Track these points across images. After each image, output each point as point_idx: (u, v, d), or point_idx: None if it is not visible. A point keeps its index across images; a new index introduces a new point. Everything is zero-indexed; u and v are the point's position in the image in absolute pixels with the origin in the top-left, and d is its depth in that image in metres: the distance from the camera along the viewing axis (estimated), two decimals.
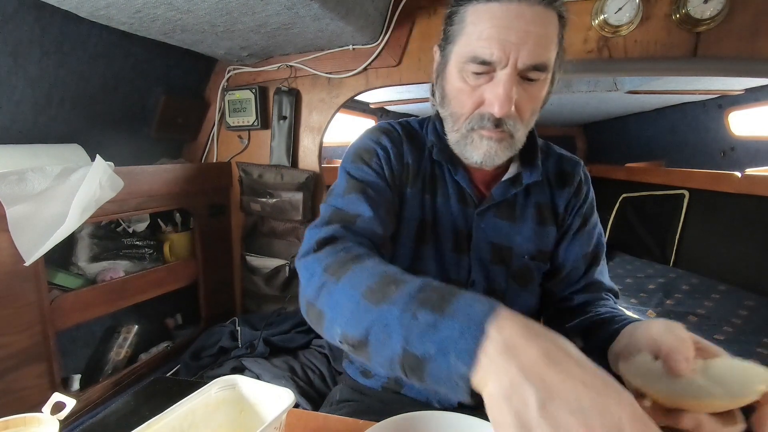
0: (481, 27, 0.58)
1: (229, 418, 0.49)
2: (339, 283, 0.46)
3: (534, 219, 0.74)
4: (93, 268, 1.28)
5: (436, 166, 0.74)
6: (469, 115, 0.63)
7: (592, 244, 0.76)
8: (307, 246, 0.57)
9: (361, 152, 0.71)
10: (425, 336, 0.35)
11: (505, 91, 0.57)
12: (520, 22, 0.56)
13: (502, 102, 0.58)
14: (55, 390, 0.91)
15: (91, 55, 1.19)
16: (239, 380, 0.50)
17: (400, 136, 0.75)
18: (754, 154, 2.01)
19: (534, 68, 0.58)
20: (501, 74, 0.58)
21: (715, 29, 1.12)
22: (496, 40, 0.57)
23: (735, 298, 1.87)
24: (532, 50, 0.57)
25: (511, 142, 0.63)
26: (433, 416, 0.54)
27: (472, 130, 0.63)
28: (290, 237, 1.66)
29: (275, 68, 1.58)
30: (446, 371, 0.34)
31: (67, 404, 0.52)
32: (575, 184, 0.76)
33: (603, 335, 0.61)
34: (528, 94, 0.61)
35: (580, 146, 3.76)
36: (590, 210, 0.77)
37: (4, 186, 0.93)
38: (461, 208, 0.72)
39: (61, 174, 1.03)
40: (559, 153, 0.79)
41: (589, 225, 0.76)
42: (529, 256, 0.74)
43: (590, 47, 1.22)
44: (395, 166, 0.71)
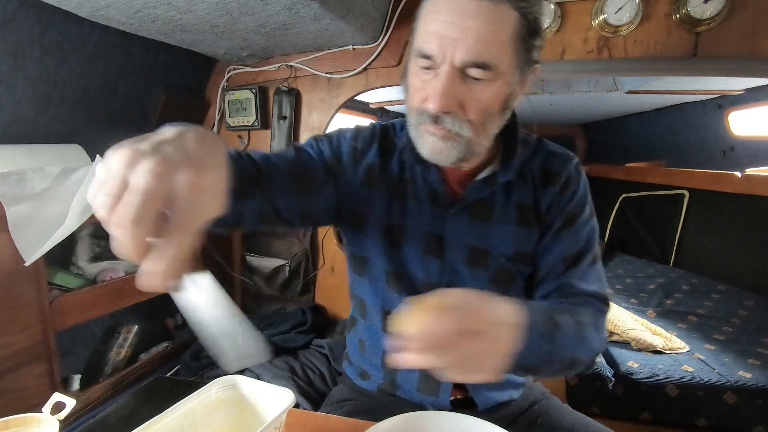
0: (427, 20, 0.58)
1: (229, 418, 0.49)
2: None
3: (515, 220, 0.70)
4: (93, 268, 1.28)
5: (407, 169, 0.72)
6: (417, 109, 0.62)
7: (577, 246, 0.70)
8: None
9: (319, 135, 0.76)
10: None
11: (442, 87, 0.56)
12: (460, 16, 0.54)
13: (435, 98, 0.56)
14: (55, 390, 0.91)
15: (90, 54, 1.19)
16: (239, 380, 0.50)
17: (372, 138, 0.75)
18: (754, 154, 2.01)
19: (474, 66, 0.55)
20: (440, 70, 0.57)
21: (715, 29, 1.12)
22: (436, 34, 0.56)
23: (735, 298, 1.87)
24: (471, 47, 0.54)
25: (460, 142, 0.60)
26: (433, 416, 0.54)
27: (419, 124, 0.62)
28: (290, 237, 1.66)
29: (275, 68, 1.58)
30: None
31: (67, 404, 0.52)
32: (561, 181, 0.71)
33: None
34: (473, 94, 0.58)
35: (580, 146, 3.76)
36: (578, 208, 0.71)
37: (4, 186, 0.93)
38: (433, 210, 0.71)
39: (61, 174, 1.03)
40: (549, 150, 0.74)
41: (575, 224, 0.70)
42: (508, 257, 0.70)
43: (590, 47, 1.22)
44: (344, 156, 0.73)
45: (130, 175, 0.31)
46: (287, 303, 1.65)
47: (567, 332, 0.57)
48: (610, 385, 1.37)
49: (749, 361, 1.40)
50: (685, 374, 1.34)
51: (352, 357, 0.84)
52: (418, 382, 0.74)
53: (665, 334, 1.58)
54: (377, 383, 0.78)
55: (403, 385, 0.75)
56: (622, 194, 2.94)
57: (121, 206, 0.30)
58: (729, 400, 1.27)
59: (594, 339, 0.62)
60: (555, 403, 0.77)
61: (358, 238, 0.75)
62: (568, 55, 1.25)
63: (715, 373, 1.34)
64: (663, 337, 1.56)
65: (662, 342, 1.51)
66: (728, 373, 1.33)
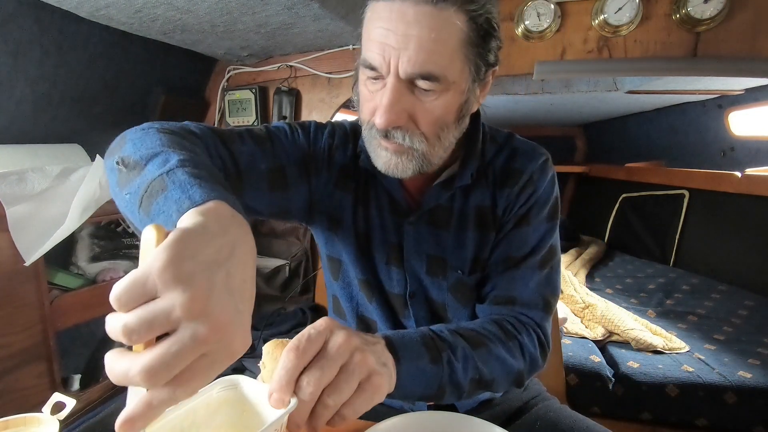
0: (369, 27, 0.53)
1: (230, 419, 0.49)
2: (159, 133, 0.50)
3: (474, 225, 0.66)
4: (93, 268, 1.28)
5: (369, 174, 0.68)
6: (368, 121, 0.58)
7: (524, 249, 0.65)
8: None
9: (297, 124, 0.70)
10: (174, 190, 0.38)
11: (387, 101, 0.52)
12: (401, 24, 0.50)
13: (381, 113, 0.53)
14: (55, 390, 0.90)
15: (90, 54, 1.19)
16: (241, 381, 0.50)
17: (347, 136, 0.71)
18: (754, 154, 2.01)
19: (421, 77, 0.51)
20: (387, 82, 0.53)
21: (715, 29, 1.12)
22: (377, 43, 0.51)
23: (735, 298, 1.87)
24: (413, 57, 0.50)
25: (414, 155, 0.57)
26: (433, 416, 0.54)
27: (372, 138, 0.59)
28: (290, 237, 1.66)
29: (275, 68, 1.58)
30: (151, 214, 0.38)
31: (67, 404, 0.52)
32: (521, 181, 0.65)
33: None
34: (424, 105, 0.54)
35: (580, 146, 3.76)
36: (535, 209, 0.65)
37: (4, 186, 0.93)
38: (393, 218, 0.68)
39: (61, 174, 1.03)
40: (516, 147, 0.68)
41: (528, 225, 0.65)
42: (465, 270, 0.66)
43: (590, 47, 1.22)
44: (319, 153, 0.68)
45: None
46: (287, 303, 1.65)
47: (459, 352, 0.53)
48: (610, 385, 1.37)
49: (749, 361, 1.40)
50: (685, 374, 1.34)
51: None
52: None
53: (665, 334, 1.58)
54: None
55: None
56: (622, 194, 2.93)
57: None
58: (729, 400, 1.27)
59: (508, 359, 0.58)
60: (554, 405, 0.77)
61: (332, 241, 0.73)
62: (568, 55, 1.25)
63: (715, 373, 1.34)
64: (663, 337, 1.56)
65: (662, 342, 1.51)
66: (728, 373, 1.33)
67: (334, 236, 0.72)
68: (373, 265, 0.70)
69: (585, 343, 1.57)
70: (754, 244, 1.94)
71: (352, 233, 0.70)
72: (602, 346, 1.60)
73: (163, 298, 0.28)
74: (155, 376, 0.27)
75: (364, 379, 0.41)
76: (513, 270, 0.65)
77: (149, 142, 0.46)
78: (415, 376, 0.49)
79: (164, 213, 0.37)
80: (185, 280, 0.28)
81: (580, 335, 1.64)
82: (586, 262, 2.60)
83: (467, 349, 0.54)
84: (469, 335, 0.56)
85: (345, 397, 0.40)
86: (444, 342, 0.53)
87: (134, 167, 0.44)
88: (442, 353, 0.51)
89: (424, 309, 0.70)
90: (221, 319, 0.29)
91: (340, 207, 0.70)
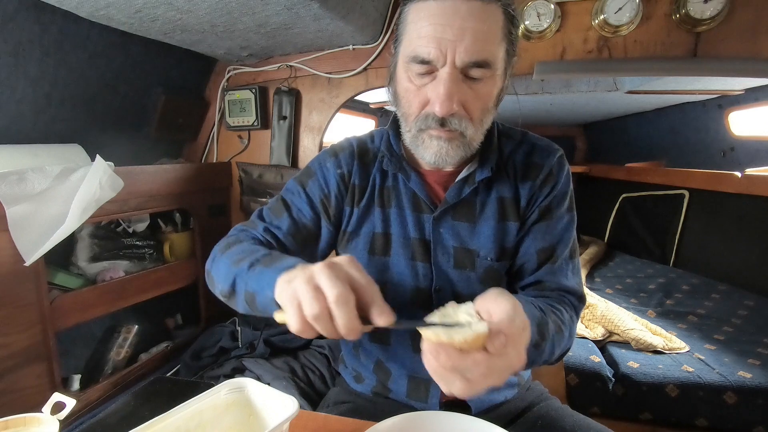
0: (419, 25, 0.57)
1: (237, 421, 0.49)
2: (223, 256, 0.66)
3: (495, 215, 0.70)
4: (93, 268, 1.28)
5: (389, 177, 0.73)
6: (417, 115, 0.62)
7: (552, 240, 0.70)
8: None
9: (303, 174, 0.77)
10: (257, 278, 0.55)
11: (445, 90, 0.56)
12: (456, 18, 0.55)
13: (442, 101, 0.57)
14: (55, 390, 0.91)
15: (90, 54, 1.19)
16: (248, 383, 0.50)
17: (353, 155, 0.75)
18: (754, 154, 2.01)
19: (475, 65, 0.57)
20: (441, 73, 0.57)
21: (715, 29, 1.12)
22: (433, 38, 0.56)
23: (735, 298, 1.87)
24: (470, 47, 0.55)
25: (463, 142, 0.62)
26: (433, 416, 0.54)
27: (420, 131, 0.62)
28: None
29: (275, 68, 1.58)
30: (264, 298, 0.53)
31: (67, 404, 0.52)
32: (542, 175, 0.70)
33: None
34: (474, 93, 0.59)
35: (580, 146, 3.76)
36: (557, 202, 0.70)
37: (4, 186, 0.93)
38: (417, 215, 0.71)
39: (61, 174, 1.03)
40: (534, 143, 0.74)
41: (552, 218, 0.70)
42: (493, 257, 0.70)
43: (590, 47, 1.22)
44: (333, 189, 0.74)
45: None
46: None
47: (550, 338, 0.58)
48: (610, 385, 1.37)
49: (749, 361, 1.40)
50: (685, 374, 1.34)
51: (347, 359, 0.84)
52: (407, 389, 0.74)
53: (665, 334, 1.58)
54: (371, 386, 0.79)
55: (394, 390, 0.76)
56: (622, 194, 2.93)
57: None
58: (729, 400, 1.27)
59: (566, 340, 0.64)
60: (555, 405, 0.77)
61: (345, 251, 0.76)
62: (568, 55, 1.25)
63: (715, 373, 1.34)
64: (663, 337, 1.56)
65: (662, 342, 1.51)
66: (728, 373, 1.33)
67: (346, 247, 0.75)
68: (391, 265, 0.72)
69: (585, 343, 1.57)
70: (754, 244, 1.94)
71: (367, 238, 0.73)
72: (602, 346, 1.60)
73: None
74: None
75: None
76: (550, 263, 0.70)
77: (224, 271, 0.63)
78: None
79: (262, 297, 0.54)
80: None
81: (580, 335, 1.64)
82: (586, 262, 2.60)
83: (553, 333, 0.58)
84: (555, 320, 0.61)
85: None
86: (546, 328, 0.57)
87: (230, 296, 0.63)
88: (543, 342, 0.56)
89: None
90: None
91: (352, 218, 0.74)
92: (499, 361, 0.42)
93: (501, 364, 0.42)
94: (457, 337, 0.41)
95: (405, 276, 0.71)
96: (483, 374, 0.41)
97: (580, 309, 0.70)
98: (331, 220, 0.74)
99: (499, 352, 0.41)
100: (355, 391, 0.81)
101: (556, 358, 0.63)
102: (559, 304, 0.66)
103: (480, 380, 0.42)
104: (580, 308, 0.70)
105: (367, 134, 0.79)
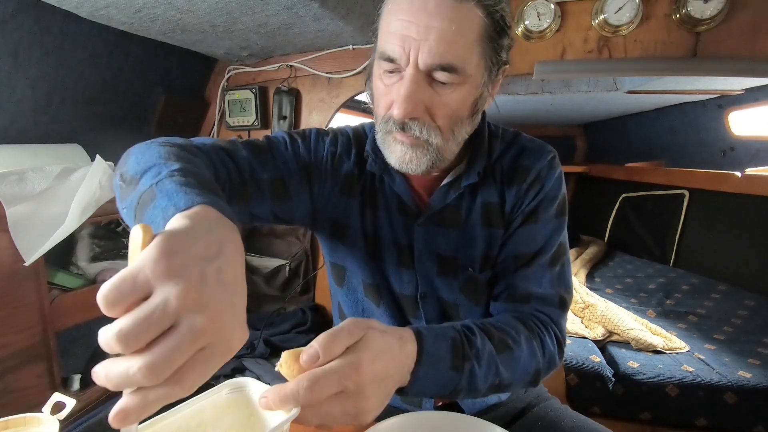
0: (389, 20, 0.54)
1: (239, 421, 0.49)
2: (161, 147, 0.50)
3: (482, 222, 0.66)
4: (93, 268, 1.28)
5: (377, 178, 0.69)
6: (383, 116, 0.58)
7: (534, 246, 0.65)
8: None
9: (296, 132, 0.70)
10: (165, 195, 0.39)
11: (406, 91, 0.52)
12: (422, 15, 0.50)
13: (400, 103, 0.53)
14: (55, 390, 0.90)
15: (91, 54, 1.19)
16: (249, 383, 0.50)
17: (350, 142, 0.71)
18: (754, 154, 2.01)
19: (440, 68, 0.52)
20: (405, 74, 0.53)
21: (715, 29, 1.12)
22: (398, 35, 0.52)
23: (735, 298, 1.87)
24: (434, 48, 0.51)
25: (429, 149, 0.57)
26: (433, 416, 0.54)
27: (387, 133, 0.58)
28: (290, 237, 1.66)
29: (275, 68, 1.58)
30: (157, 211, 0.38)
31: (67, 404, 0.52)
32: (529, 178, 0.65)
33: None
34: (441, 98, 0.54)
35: (580, 146, 3.75)
36: (544, 207, 0.65)
37: (4, 186, 0.93)
38: (402, 219, 0.68)
39: (61, 174, 1.03)
40: (524, 146, 0.69)
41: (536, 222, 0.65)
42: (477, 267, 0.67)
43: (590, 47, 1.22)
44: (321, 159, 0.68)
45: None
46: (287, 303, 1.65)
47: (485, 360, 0.52)
48: (610, 385, 1.37)
49: (749, 361, 1.40)
50: (685, 374, 1.34)
51: None
52: (401, 396, 0.74)
53: (665, 334, 1.58)
54: None
55: None
56: (622, 194, 2.93)
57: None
58: (729, 400, 1.27)
59: (526, 360, 0.57)
60: (554, 405, 0.77)
61: (336, 247, 0.73)
62: (568, 55, 1.25)
63: (715, 373, 1.34)
64: (663, 336, 1.56)
65: (662, 342, 1.51)
66: (728, 373, 1.33)
67: (338, 242, 0.72)
68: (382, 268, 0.70)
69: (585, 343, 1.57)
70: (754, 244, 1.94)
71: (359, 237, 0.70)
72: (602, 346, 1.60)
73: (156, 293, 0.28)
74: (156, 372, 0.27)
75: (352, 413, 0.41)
76: (525, 268, 0.65)
77: (148, 157, 0.47)
78: (431, 379, 0.48)
79: (152, 222, 0.37)
80: (178, 272, 0.29)
81: (580, 335, 1.64)
82: (586, 262, 2.60)
83: (492, 354, 0.53)
84: (498, 337, 0.55)
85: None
86: (472, 348, 0.52)
87: (131, 182, 0.45)
88: (465, 362, 0.51)
89: (436, 310, 0.70)
90: (218, 309, 0.29)
91: (346, 213, 0.70)
92: (345, 402, 0.39)
93: (347, 405, 0.39)
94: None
95: (393, 281, 0.70)
96: (330, 413, 0.39)
97: (558, 317, 0.64)
98: (311, 191, 0.68)
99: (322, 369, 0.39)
100: None
101: (527, 379, 0.58)
102: (520, 321, 0.60)
103: (328, 418, 0.39)
104: (558, 316, 0.64)
105: (362, 126, 0.75)
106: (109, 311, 0.29)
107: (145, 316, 0.27)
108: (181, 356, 0.28)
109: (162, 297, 0.28)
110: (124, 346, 0.27)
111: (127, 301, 0.28)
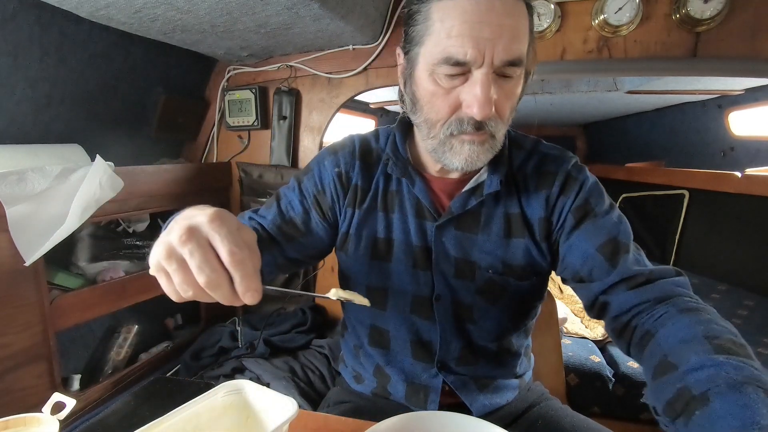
0: (449, 24, 0.53)
1: (234, 424, 0.49)
2: None
3: (500, 231, 0.67)
4: (93, 268, 1.28)
5: (393, 181, 0.71)
6: (446, 120, 0.58)
7: (608, 234, 0.64)
8: None
9: (302, 171, 0.77)
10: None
11: (484, 92, 0.53)
12: (492, 15, 0.52)
13: (482, 104, 0.53)
14: (55, 390, 0.91)
15: (90, 54, 1.19)
16: (245, 385, 0.50)
17: (353, 155, 0.73)
18: (754, 154, 2.01)
19: (510, 64, 0.54)
20: (477, 74, 0.54)
21: (715, 29, 1.12)
22: (469, 37, 0.52)
23: (735, 298, 1.87)
24: (507, 45, 0.53)
25: (493, 143, 0.60)
26: (433, 416, 0.54)
27: (451, 136, 0.58)
28: None
29: (275, 68, 1.58)
30: None
31: (67, 404, 0.52)
32: (558, 181, 0.66)
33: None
34: (505, 92, 0.56)
35: (580, 146, 3.76)
36: (593, 201, 0.66)
37: (4, 186, 0.93)
38: (419, 222, 0.69)
39: (61, 174, 1.03)
40: (545, 153, 0.70)
41: (596, 215, 0.65)
42: (494, 270, 0.68)
43: (590, 47, 1.22)
44: (328, 186, 0.73)
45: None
46: (287, 303, 1.65)
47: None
48: (610, 385, 1.37)
49: None
50: None
51: (347, 359, 0.84)
52: (405, 394, 0.74)
53: None
54: (371, 387, 0.79)
55: (393, 393, 0.76)
56: (622, 194, 2.93)
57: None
58: None
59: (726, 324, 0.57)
60: (555, 405, 0.77)
61: (344, 255, 0.75)
62: (568, 55, 1.25)
63: None
64: None
65: None
66: None
67: (344, 251, 0.74)
68: (392, 271, 0.71)
69: (585, 343, 1.57)
70: (754, 244, 1.94)
71: (368, 242, 0.71)
72: (602, 346, 1.60)
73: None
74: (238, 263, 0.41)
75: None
76: (622, 253, 0.63)
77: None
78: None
79: None
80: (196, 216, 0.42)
81: (580, 335, 1.64)
82: None
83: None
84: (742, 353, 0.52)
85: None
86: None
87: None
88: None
89: (450, 311, 0.71)
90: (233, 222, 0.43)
91: (353, 220, 0.72)
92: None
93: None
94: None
95: (405, 283, 0.70)
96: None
97: (687, 281, 0.63)
98: (325, 218, 0.73)
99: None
100: (356, 391, 0.81)
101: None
102: (668, 296, 0.59)
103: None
104: (687, 281, 0.63)
105: (371, 132, 0.76)
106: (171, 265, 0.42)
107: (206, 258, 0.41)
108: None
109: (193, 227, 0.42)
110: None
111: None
